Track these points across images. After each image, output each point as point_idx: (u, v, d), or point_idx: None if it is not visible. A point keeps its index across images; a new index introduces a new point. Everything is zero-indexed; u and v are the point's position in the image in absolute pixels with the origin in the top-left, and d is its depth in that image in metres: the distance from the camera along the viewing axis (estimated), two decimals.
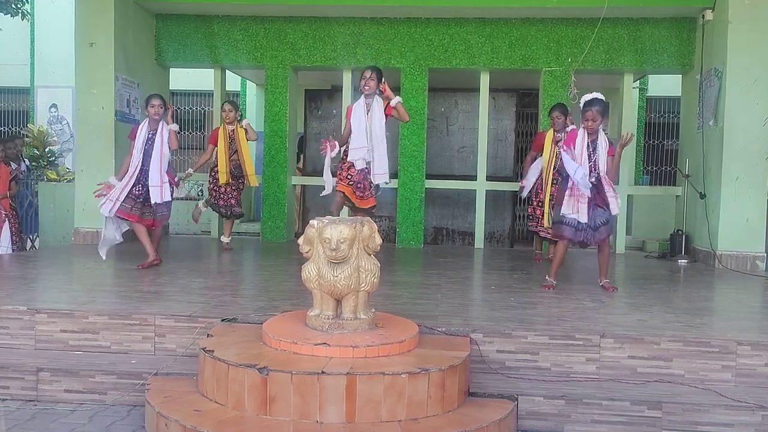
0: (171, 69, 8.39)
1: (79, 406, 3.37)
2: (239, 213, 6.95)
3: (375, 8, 7.42)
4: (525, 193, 6.51)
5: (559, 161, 5.39)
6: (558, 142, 6.16)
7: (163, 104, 5.55)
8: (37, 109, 11.58)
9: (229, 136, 6.74)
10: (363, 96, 5.51)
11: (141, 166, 5.44)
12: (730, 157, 6.48)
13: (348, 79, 7.91)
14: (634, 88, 9.44)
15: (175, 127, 5.57)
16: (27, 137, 9.22)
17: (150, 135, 5.50)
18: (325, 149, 5.45)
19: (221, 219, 8.07)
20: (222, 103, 7.10)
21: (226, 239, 7.02)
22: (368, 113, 5.44)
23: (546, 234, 6.22)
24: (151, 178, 5.40)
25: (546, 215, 6.13)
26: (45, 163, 8.93)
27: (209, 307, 4.04)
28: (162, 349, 3.68)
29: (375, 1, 7.24)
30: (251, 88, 11.75)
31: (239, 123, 6.77)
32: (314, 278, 3.28)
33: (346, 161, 5.50)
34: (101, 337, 3.73)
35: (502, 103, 9.01)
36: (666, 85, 10.06)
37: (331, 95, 9.35)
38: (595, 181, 4.76)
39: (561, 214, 4.89)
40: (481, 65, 7.68)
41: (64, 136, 11.11)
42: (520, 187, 6.60)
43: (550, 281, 5.01)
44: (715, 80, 6.72)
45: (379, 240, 3.34)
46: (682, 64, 7.44)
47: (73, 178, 7.48)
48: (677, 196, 7.73)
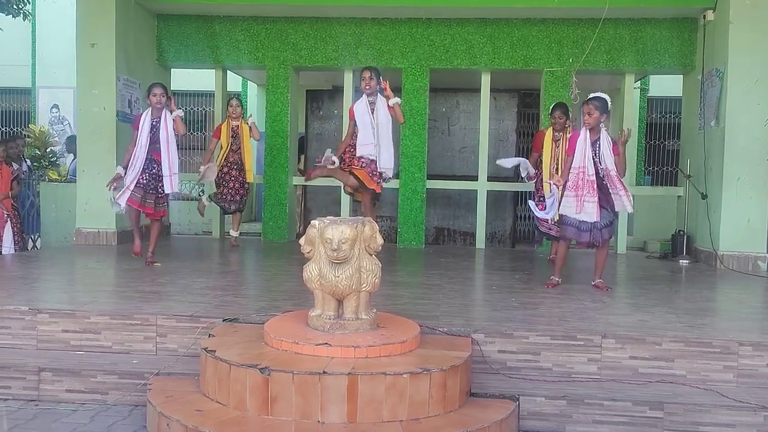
0: (172, 69, 8.40)
1: (81, 406, 3.38)
2: (240, 209, 7.03)
3: (376, 8, 7.42)
4: (530, 172, 6.35)
5: (564, 160, 5.38)
6: (558, 141, 6.19)
7: (165, 93, 5.55)
8: (39, 110, 11.59)
9: (233, 131, 6.80)
10: (365, 95, 5.62)
11: (147, 155, 5.46)
12: (731, 158, 6.47)
13: (349, 79, 7.91)
14: (635, 88, 9.43)
15: (180, 112, 5.58)
16: (28, 137, 9.23)
17: (154, 122, 5.51)
18: (320, 161, 5.59)
19: (222, 216, 8.09)
20: (229, 98, 7.16)
21: (235, 233, 7.07)
22: (373, 111, 5.55)
23: (549, 231, 6.20)
24: (164, 167, 5.45)
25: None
26: (46, 164, 8.94)
27: (211, 307, 4.04)
28: (163, 349, 3.69)
29: (376, 1, 7.24)
30: (252, 88, 11.76)
31: (245, 120, 6.84)
32: (316, 278, 3.29)
33: (355, 155, 5.58)
34: (103, 337, 3.73)
35: (503, 103, 9.01)
36: (667, 85, 10.05)
37: (332, 95, 9.35)
38: (599, 177, 4.75)
39: (560, 214, 4.90)
40: (482, 65, 7.68)
41: (65, 137, 11.10)
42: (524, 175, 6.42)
43: (555, 279, 5.04)
44: (716, 80, 6.71)
45: (380, 240, 3.35)
46: (683, 65, 7.43)
47: (75, 179, 7.48)
48: (679, 196, 7.73)
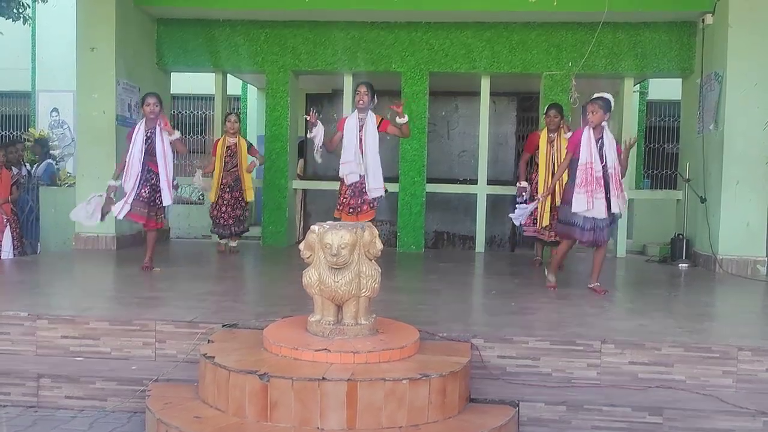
0: (172, 73, 8.41)
1: (80, 413, 3.37)
2: (239, 232, 6.80)
3: (375, 13, 7.43)
4: (526, 197, 6.37)
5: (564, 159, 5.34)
6: (552, 142, 6.13)
7: (158, 103, 5.45)
8: (39, 114, 11.59)
9: (229, 149, 6.60)
10: (357, 110, 5.60)
11: (143, 166, 5.37)
12: (730, 161, 6.47)
13: (349, 83, 7.92)
14: (634, 92, 9.44)
15: (177, 134, 5.51)
16: (28, 141, 9.23)
17: (149, 134, 5.40)
18: (313, 120, 5.54)
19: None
20: (228, 114, 7.00)
21: (233, 243, 6.94)
22: (362, 129, 5.51)
23: (543, 236, 6.14)
24: (161, 178, 5.37)
25: (545, 215, 5.98)
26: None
27: (210, 312, 4.04)
28: (162, 355, 3.68)
29: (375, 5, 7.25)
30: (252, 92, 11.77)
31: (255, 160, 6.76)
32: (315, 284, 3.29)
33: (344, 182, 5.57)
34: (102, 343, 3.73)
35: (502, 107, 9.02)
36: (666, 88, 10.05)
37: (332, 99, 9.36)
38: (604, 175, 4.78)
39: (572, 212, 4.80)
40: (481, 69, 7.68)
41: (65, 141, 11.11)
42: (519, 189, 6.37)
43: (552, 281, 5.06)
44: (715, 84, 6.72)
45: (380, 245, 3.35)
46: (682, 69, 7.44)
47: (74, 183, 7.49)
48: (678, 200, 7.73)
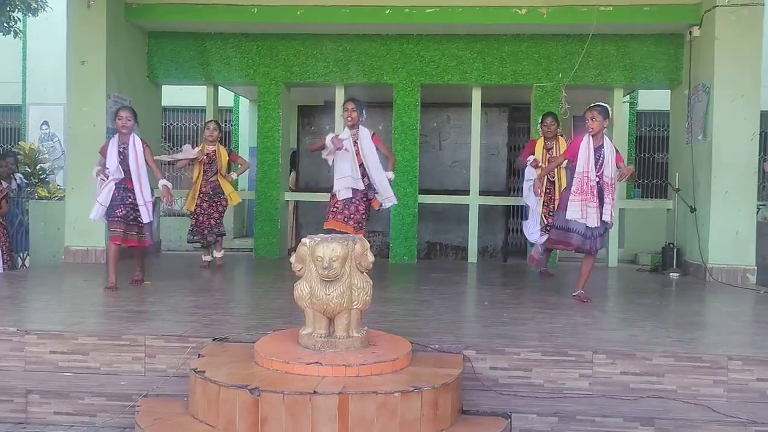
0: (163, 86, 8.41)
1: (69, 429, 3.34)
2: (214, 239, 6.58)
3: (367, 25, 7.48)
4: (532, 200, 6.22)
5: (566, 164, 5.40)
6: (550, 149, 6.17)
7: (132, 117, 5.23)
8: (29, 127, 11.56)
9: (208, 157, 6.43)
10: (347, 128, 5.69)
11: (119, 183, 5.16)
12: (718, 171, 6.53)
13: (341, 95, 7.94)
14: (624, 102, 9.53)
15: (166, 183, 5.32)
16: (18, 155, 9.19)
17: (122, 149, 5.19)
18: (340, 145, 5.53)
19: None
20: (207, 122, 6.80)
21: (219, 254, 6.82)
22: (356, 143, 5.61)
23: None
24: (137, 196, 5.18)
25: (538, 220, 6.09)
26: (36, 181, 8.90)
27: (200, 326, 4.02)
28: (152, 370, 3.66)
29: (367, 18, 7.30)
30: (244, 104, 11.79)
31: (230, 175, 6.58)
32: (306, 296, 3.28)
33: (336, 197, 5.65)
34: (91, 358, 3.70)
35: (494, 117, 9.06)
36: (656, 99, 10.15)
37: (324, 111, 9.38)
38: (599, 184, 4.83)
39: (566, 219, 4.82)
40: (472, 81, 7.73)
41: (56, 154, 11.08)
42: (533, 161, 6.19)
43: (582, 293, 5.04)
44: (703, 95, 6.79)
45: (371, 258, 3.35)
46: (670, 80, 7.52)
47: (64, 196, 7.45)
48: (668, 209, 7.78)
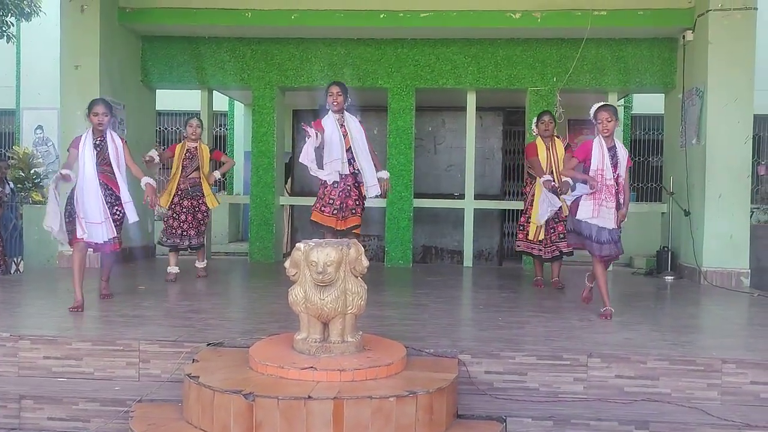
0: (157, 90, 8.40)
1: None
2: (197, 245, 6.15)
3: (361, 29, 7.49)
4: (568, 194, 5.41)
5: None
6: (549, 149, 5.81)
7: (108, 111, 4.77)
8: (23, 131, 11.51)
9: (189, 152, 6.08)
10: (332, 112, 5.56)
11: (98, 180, 4.68)
12: (712, 175, 6.55)
13: None
14: (618, 106, 9.55)
15: (151, 181, 4.93)
16: (12, 159, 9.17)
17: (98, 142, 4.75)
18: (308, 133, 5.29)
19: (209, 234, 7.96)
20: (190, 118, 6.29)
21: (201, 264, 6.35)
22: (342, 126, 5.49)
23: (533, 251, 5.91)
24: (122, 192, 4.77)
25: (540, 229, 5.76)
26: (30, 185, 8.88)
27: (195, 331, 4.01)
28: (146, 375, 3.64)
29: (361, 22, 7.31)
30: (239, 108, 11.78)
31: (212, 174, 6.17)
32: (301, 301, 3.27)
33: (326, 183, 5.46)
34: (84, 363, 3.69)
35: (488, 121, 9.08)
36: (650, 103, 10.19)
37: (318, 115, 9.35)
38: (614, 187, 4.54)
39: (577, 220, 4.57)
40: (467, 85, 7.75)
41: (50, 158, 11.04)
42: (545, 183, 5.56)
43: (609, 309, 4.61)
44: (696, 99, 6.82)
45: (365, 262, 3.34)
46: (664, 84, 7.55)
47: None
48: (663, 213, 7.80)
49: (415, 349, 3.58)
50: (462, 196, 8.09)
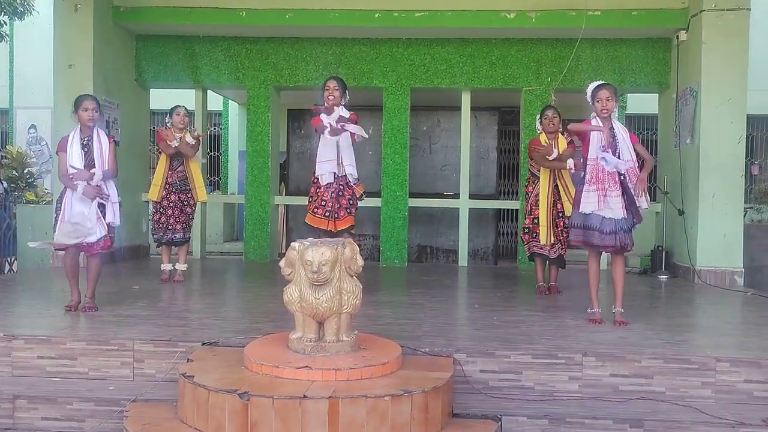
0: (151, 89, 8.37)
1: None
2: (182, 240, 5.95)
3: (356, 29, 7.48)
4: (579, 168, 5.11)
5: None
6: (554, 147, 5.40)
7: (98, 107, 4.61)
8: (16, 130, 11.45)
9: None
10: (325, 107, 5.42)
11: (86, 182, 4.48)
12: (706, 174, 6.58)
13: None
14: None
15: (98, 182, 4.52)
16: (5, 159, 9.11)
17: (85, 141, 4.59)
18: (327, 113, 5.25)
19: (203, 233, 7.93)
20: (175, 107, 6.02)
21: (182, 266, 6.01)
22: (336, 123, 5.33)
23: (544, 252, 5.59)
24: (110, 193, 4.56)
25: (548, 230, 5.46)
26: (24, 185, 8.82)
27: (189, 330, 4.00)
28: (141, 375, 3.63)
29: (356, 21, 7.30)
30: (233, 107, 11.74)
31: (189, 131, 5.92)
32: (296, 301, 3.27)
33: (318, 184, 5.39)
34: (79, 363, 3.67)
35: (484, 121, 9.10)
36: (644, 103, 10.21)
37: (313, 115, 9.36)
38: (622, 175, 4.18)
39: (580, 213, 4.27)
40: (462, 84, 7.76)
41: (43, 158, 10.98)
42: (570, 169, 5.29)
43: (597, 312, 4.42)
44: (690, 99, 6.85)
45: (361, 261, 3.35)
46: (658, 84, 7.57)
47: (52, 200, 7.39)
48: (657, 212, 7.82)
49: (410, 349, 3.58)
50: (457, 196, 8.10)
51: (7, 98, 11.53)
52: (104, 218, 4.52)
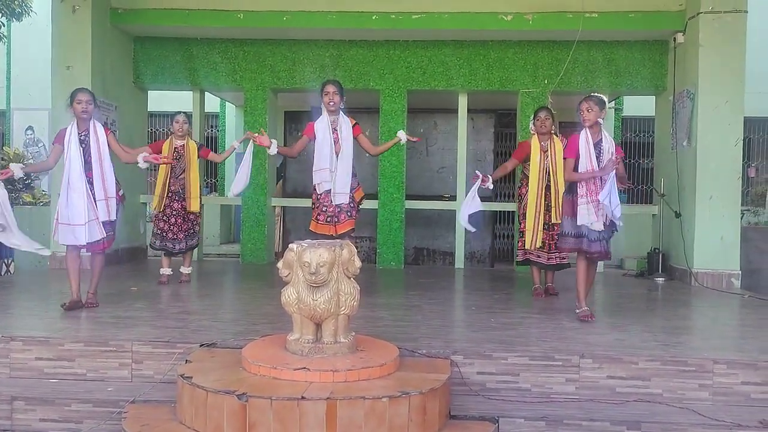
0: (149, 91, 8.37)
1: None
2: (191, 246, 6.00)
3: (353, 31, 7.49)
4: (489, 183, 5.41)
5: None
6: (546, 152, 5.47)
7: (92, 99, 4.59)
8: (14, 132, 11.44)
9: (176, 150, 5.85)
10: (326, 113, 5.31)
11: (85, 177, 4.52)
12: (703, 177, 6.60)
13: None
14: (609, 108, 9.61)
15: (145, 154, 4.77)
16: (3, 160, 9.09)
17: (83, 136, 4.57)
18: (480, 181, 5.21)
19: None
20: (176, 114, 6.01)
21: (186, 269, 6.11)
22: (335, 131, 5.24)
23: (540, 259, 5.58)
24: (96, 189, 4.55)
25: (538, 235, 5.44)
26: (21, 186, 8.80)
27: (188, 331, 4.00)
28: (139, 376, 3.63)
29: (353, 24, 7.31)
30: (231, 109, 11.76)
31: (194, 141, 5.97)
32: (294, 302, 3.27)
33: (317, 192, 5.28)
34: (77, 364, 3.67)
35: (480, 123, 9.12)
36: (641, 105, 10.25)
37: (310, 117, 9.35)
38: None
39: (577, 225, 4.51)
40: (459, 87, 7.77)
41: (41, 159, 10.96)
42: (478, 177, 5.32)
43: (586, 309, 4.57)
44: (687, 101, 6.87)
45: (358, 263, 3.35)
46: (655, 86, 7.60)
47: (49, 201, 7.38)
48: (654, 214, 7.85)
49: (407, 350, 3.59)
50: (454, 198, 8.11)
51: (5, 100, 11.52)
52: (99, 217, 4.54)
